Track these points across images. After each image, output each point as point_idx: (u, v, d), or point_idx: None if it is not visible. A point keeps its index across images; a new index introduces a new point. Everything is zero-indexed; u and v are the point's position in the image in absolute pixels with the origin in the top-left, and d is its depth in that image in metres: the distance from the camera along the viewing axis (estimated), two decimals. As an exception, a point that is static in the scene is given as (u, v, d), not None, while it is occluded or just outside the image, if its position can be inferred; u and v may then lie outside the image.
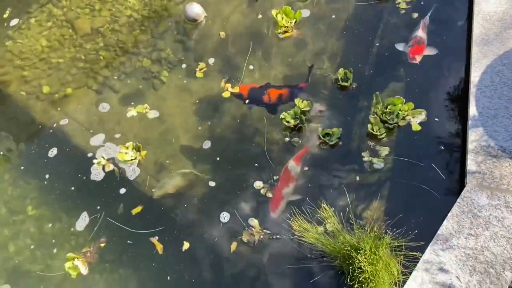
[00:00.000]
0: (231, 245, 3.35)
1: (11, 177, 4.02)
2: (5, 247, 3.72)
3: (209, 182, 3.67)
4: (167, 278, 3.34)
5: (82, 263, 3.35)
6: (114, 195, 3.73)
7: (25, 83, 4.48)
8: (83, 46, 4.66)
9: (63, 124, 4.19)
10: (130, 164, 3.84)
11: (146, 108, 4.16)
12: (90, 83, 4.44)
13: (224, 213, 3.49)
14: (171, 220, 3.55)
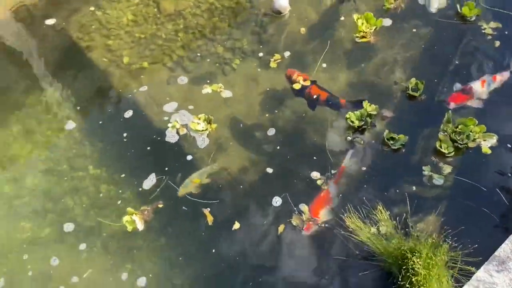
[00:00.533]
0: (278, 227, 3.44)
1: (84, 134, 4.29)
2: (71, 193, 3.96)
3: (266, 168, 3.78)
4: (211, 251, 3.46)
5: (139, 219, 3.56)
6: (182, 161, 3.92)
7: (108, 51, 4.78)
8: (164, 25, 4.93)
9: (139, 91, 4.44)
10: (200, 134, 4.03)
11: (220, 87, 4.35)
12: (165, 60, 4.68)
13: (277, 198, 3.58)
14: (226, 196, 3.68)
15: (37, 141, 4.36)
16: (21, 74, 4.87)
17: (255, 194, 3.67)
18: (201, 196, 3.68)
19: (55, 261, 3.62)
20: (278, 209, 3.53)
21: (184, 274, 3.41)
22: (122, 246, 3.59)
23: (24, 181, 4.08)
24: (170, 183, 3.80)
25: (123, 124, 4.23)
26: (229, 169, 3.83)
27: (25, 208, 3.92)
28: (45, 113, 4.49)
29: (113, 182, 3.94)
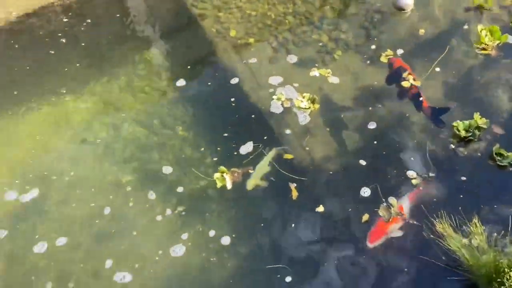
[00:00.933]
0: (363, 216, 3.41)
1: (192, 93, 4.47)
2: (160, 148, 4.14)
3: (360, 160, 3.75)
4: (291, 225, 3.48)
5: (229, 178, 3.67)
6: (281, 133, 4.00)
7: (218, 22, 4.98)
8: (275, 7, 5.04)
9: (243, 63, 4.58)
10: (303, 112, 4.11)
11: (329, 72, 4.38)
12: (271, 40, 4.79)
13: (366, 189, 3.55)
14: (314, 178, 3.70)
15: (140, 95, 4.58)
16: (131, 33, 5.18)
17: (344, 182, 3.65)
18: (290, 171, 3.72)
19: (130, 205, 3.74)
20: (365, 199, 3.49)
21: (261, 240, 3.45)
22: (208, 201, 3.71)
23: (120, 129, 4.30)
24: (264, 152, 3.87)
25: (229, 90, 4.37)
26: (321, 152, 3.83)
27: (116, 152, 4.12)
28: (151, 70, 4.74)
29: (208, 141, 4.06)
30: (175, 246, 3.44)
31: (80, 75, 4.71)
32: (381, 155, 3.75)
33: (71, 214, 3.71)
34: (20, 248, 3.53)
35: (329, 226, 3.43)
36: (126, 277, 3.32)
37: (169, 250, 3.42)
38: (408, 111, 4.02)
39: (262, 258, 3.34)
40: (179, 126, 4.20)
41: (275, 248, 3.37)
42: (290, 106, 4.17)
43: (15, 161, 4.08)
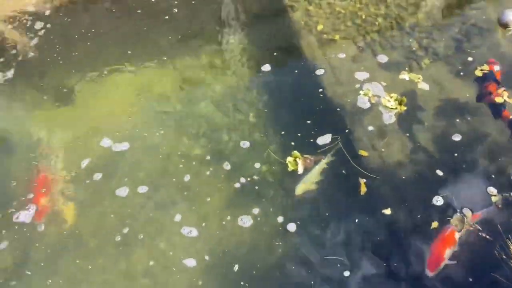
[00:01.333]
0: (432, 223, 3.31)
1: (276, 79, 4.54)
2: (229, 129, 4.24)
3: (436, 170, 3.63)
4: (354, 221, 3.44)
5: (302, 163, 3.69)
6: (363, 129, 3.98)
7: (306, 15, 5.01)
8: (367, 7, 4.99)
9: (328, 57, 4.58)
10: (389, 111, 4.05)
11: (419, 78, 4.28)
12: (357, 39, 4.73)
13: (439, 198, 3.44)
14: (386, 179, 3.62)
15: (220, 76, 4.72)
16: (222, 15, 5.30)
17: (416, 189, 3.55)
18: (362, 167, 3.68)
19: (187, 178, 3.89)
20: (437, 208, 3.39)
21: (324, 231, 3.43)
22: (277, 183, 3.75)
23: (196, 105, 4.44)
24: (341, 146, 3.85)
25: (313, 80, 4.39)
26: (397, 155, 3.75)
27: (187, 127, 4.27)
28: (235, 53, 4.86)
29: (285, 127, 4.10)
30: (243, 216, 3.55)
31: (169, 49, 4.93)
32: (461, 168, 3.62)
33: (153, 168, 3.98)
34: (105, 189, 3.86)
35: (394, 229, 3.34)
36: (193, 232, 3.54)
37: (237, 219, 3.54)
38: (497, 129, 3.84)
39: (322, 248, 3.34)
40: (252, 112, 4.28)
41: (336, 240, 3.34)
42: (376, 103, 4.12)
43: (105, 115, 4.40)
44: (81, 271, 3.45)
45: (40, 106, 4.61)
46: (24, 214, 3.74)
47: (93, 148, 4.13)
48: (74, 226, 3.69)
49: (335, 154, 3.81)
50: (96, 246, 3.56)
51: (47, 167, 4.04)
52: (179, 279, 3.34)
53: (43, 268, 3.47)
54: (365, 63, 4.49)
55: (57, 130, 4.31)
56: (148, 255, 3.48)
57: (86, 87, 4.69)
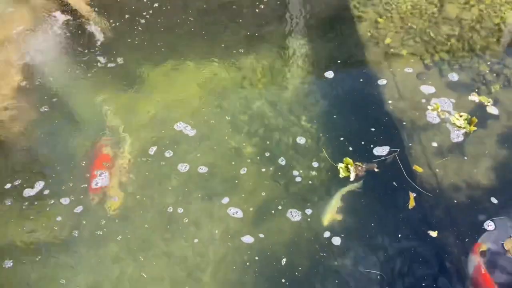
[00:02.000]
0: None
1: (338, 86, 4.56)
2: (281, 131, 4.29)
3: (491, 197, 3.49)
4: (397, 234, 3.35)
5: (354, 170, 3.66)
6: (425, 144, 3.90)
7: (375, 27, 4.98)
8: (438, 26, 4.87)
9: (392, 69, 4.53)
10: (457, 130, 3.95)
11: (489, 101, 4.15)
12: (425, 56, 4.63)
13: (491, 222, 3.31)
14: (435, 199, 3.52)
15: (278, 78, 4.77)
16: (286, 17, 5.38)
17: (468, 215, 3.42)
18: (416, 182, 3.58)
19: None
20: (489, 232, 3.24)
21: (367, 243, 3.38)
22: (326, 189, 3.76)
23: (252, 104, 4.53)
24: (397, 159, 3.79)
25: (376, 91, 4.36)
26: (454, 177, 3.63)
27: (241, 124, 4.36)
28: (297, 57, 4.91)
29: (342, 134, 4.10)
30: (292, 210, 3.61)
31: (233, 48, 5.06)
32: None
33: (204, 160, 4.12)
34: (170, 164, 4.09)
35: (439, 252, 3.23)
36: (238, 213, 3.69)
37: (287, 211, 3.60)
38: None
39: (362, 260, 3.29)
40: (305, 116, 4.29)
41: (375, 253, 3.28)
42: (444, 119, 4.03)
43: (169, 103, 4.62)
44: (135, 245, 3.63)
45: (111, 89, 4.88)
46: (84, 188, 4.00)
47: (156, 131, 4.35)
48: (127, 202, 3.89)
49: (389, 166, 3.74)
50: (146, 223, 3.74)
51: (112, 146, 4.28)
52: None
53: (93, 241, 3.68)
54: (432, 80, 4.38)
55: (125, 112, 4.56)
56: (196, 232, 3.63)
57: (155, 75, 4.93)
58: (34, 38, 5.47)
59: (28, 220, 3.88)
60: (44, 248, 3.71)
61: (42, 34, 5.51)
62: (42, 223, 3.84)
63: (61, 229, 3.78)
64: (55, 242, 3.73)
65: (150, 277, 3.46)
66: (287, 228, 3.57)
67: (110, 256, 3.60)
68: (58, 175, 4.13)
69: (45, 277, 3.55)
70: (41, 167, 4.27)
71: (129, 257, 3.57)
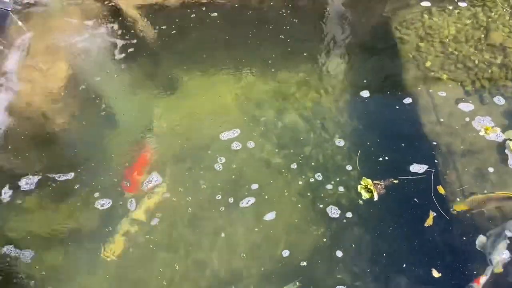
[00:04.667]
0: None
1: (373, 104, 4.56)
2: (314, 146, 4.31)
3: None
4: (414, 247, 3.34)
5: (374, 190, 3.68)
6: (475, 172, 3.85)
7: (416, 50, 4.90)
8: (482, 53, 4.77)
9: (431, 94, 4.48)
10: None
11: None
12: (466, 83, 4.54)
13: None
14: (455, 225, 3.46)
15: (313, 93, 4.77)
16: (329, 35, 5.41)
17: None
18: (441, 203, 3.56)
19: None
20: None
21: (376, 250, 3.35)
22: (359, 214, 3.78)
23: (285, 117, 4.58)
24: (431, 179, 3.76)
25: (415, 114, 4.32)
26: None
27: (272, 136, 4.42)
28: (335, 74, 4.91)
29: (371, 154, 4.10)
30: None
31: (270, 60, 5.14)
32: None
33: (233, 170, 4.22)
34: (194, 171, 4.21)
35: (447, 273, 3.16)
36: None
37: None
38: None
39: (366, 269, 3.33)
40: (340, 133, 4.29)
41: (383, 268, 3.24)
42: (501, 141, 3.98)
43: (205, 109, 4.76)
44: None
45: (149, 91, 5.06)
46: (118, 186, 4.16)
47: (190, 135, 4.49)
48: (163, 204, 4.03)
49: (415, 183, 3.73)
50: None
51: (149, 146, 4.46)
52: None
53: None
54: (471, 106, 4.31)
55: (162, 115, 4.73)
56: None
57: (192, 80, 5.08)
58: (82, 36, 5.76)
59: (55, 212, 4.06)
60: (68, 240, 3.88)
61: (90, 33, 5.79)
62: (72, 215, 4.03)
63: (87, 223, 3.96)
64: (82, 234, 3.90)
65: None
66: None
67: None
68: (92, 171, 4.31)
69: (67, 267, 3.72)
70: (78, 161, 4.45)
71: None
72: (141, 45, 5.50)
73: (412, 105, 4.38)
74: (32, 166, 4.42)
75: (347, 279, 3.39)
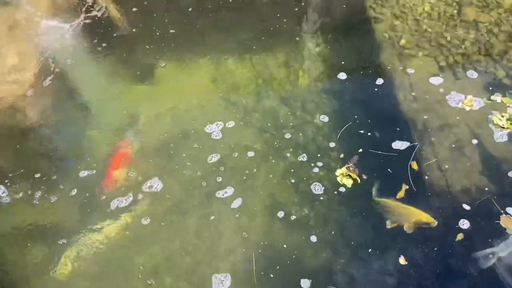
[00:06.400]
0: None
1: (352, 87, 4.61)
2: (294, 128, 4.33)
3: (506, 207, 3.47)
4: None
5: (352, 174, 3.75)
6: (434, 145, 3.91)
7: (391, 29, 4.98)
8: (455, 29, 4.85)
9: (407, 72, 4.53)
10: (500, 130, 3.97)
11: (511, 102, 4.14)
12: (439, 58, 4.62)
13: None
14: (436, 200, 3.55)
15: (292, 76, 4.79)
16: (303, 17, 5.41)
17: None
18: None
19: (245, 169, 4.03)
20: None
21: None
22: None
23: (264, 101, 4.58)
24: (408, 155, 3.83)
25: (392, 93, 4.35)
26: (468, 180, 3.63)
27: (253, 121, 4.40)
28: (311, 56, 4.91)
29: (350, 135, 4.14)
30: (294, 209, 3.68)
31: (247, 43, 5.13)
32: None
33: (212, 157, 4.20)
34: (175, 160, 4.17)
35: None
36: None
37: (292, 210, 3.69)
38: None
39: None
40: (320, 114, 4.32)
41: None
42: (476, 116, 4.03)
43: (182, 96, 4.73)
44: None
45: (127, 80, 5.00)
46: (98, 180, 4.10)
47: (169, 125, 4.44)
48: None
49: (392, 160, 3.80)
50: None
51: (127, 140, 4.40)
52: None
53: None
54: (446, 82, 4.38)
55: (139, 105, 4.67)
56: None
57: (168, 68, 5.03)
58: (53, 26, 5.61)
59: (34, 208, 3.99)
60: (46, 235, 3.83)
61: (60, 23, 5.65)
62: (49, 211, 3.96)
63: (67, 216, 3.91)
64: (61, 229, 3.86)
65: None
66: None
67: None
68: (68, 164, 4.25)
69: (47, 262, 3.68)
70: (53, 156, 4.39)
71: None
72: (114, 35, 5.41)
73: (389, 83, 4.44)
74: (4, 162, 4.37)
75: (323, 250, 3.48)
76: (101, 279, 3.54)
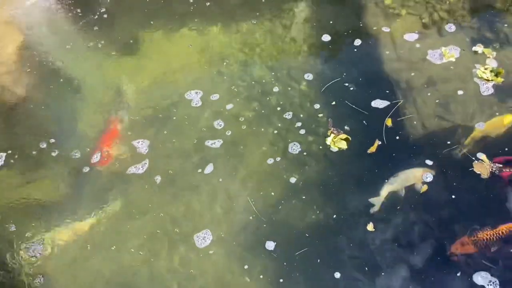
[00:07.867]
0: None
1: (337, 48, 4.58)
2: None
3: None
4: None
5: (338, 138, 3.83)
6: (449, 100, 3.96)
7: (374, -12, 4.92)
8: (439, -14, 4.79)
9: (393, 32, 4.51)
10: (485, 82, 3.99)
11: (491, 53, 4.15)
12: (424, 15, 4.59)
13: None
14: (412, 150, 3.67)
15: (278, 43, 4.76)
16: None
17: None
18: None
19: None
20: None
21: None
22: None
23: (251, 69, 4.58)
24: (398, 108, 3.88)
25: (378, 52, 4.35)
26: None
27: (240, 89, 4.43)
28: (297, 21, 4.88)
29: (339, 97, 4.15)
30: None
31: (232, 11, 5.08)
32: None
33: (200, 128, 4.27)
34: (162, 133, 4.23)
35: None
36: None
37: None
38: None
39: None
40: (307, 80, 4.32)
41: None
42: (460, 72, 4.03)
43: (168, 69, 4.72)
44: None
45: (110, 52, 4.99)
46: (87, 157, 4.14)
47: (155, 97, 4.48)
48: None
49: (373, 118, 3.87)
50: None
51: (117, 115, 4.42)
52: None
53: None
54: (431, 39, 4.36)
55: (124, 78, 4.67)
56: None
57: (156, 38, 5.01)
58: (36, 2, 5.53)
59: (30, 182, 4.09)
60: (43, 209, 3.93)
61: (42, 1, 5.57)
62: (44, 185, 4.05)
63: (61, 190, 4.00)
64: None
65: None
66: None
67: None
68: (59, 139, 4.30)
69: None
70: (43, 131, 4.42)
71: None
72: (97, 8, 5.34)
73: (373, 43, 4.42)
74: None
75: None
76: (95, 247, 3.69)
